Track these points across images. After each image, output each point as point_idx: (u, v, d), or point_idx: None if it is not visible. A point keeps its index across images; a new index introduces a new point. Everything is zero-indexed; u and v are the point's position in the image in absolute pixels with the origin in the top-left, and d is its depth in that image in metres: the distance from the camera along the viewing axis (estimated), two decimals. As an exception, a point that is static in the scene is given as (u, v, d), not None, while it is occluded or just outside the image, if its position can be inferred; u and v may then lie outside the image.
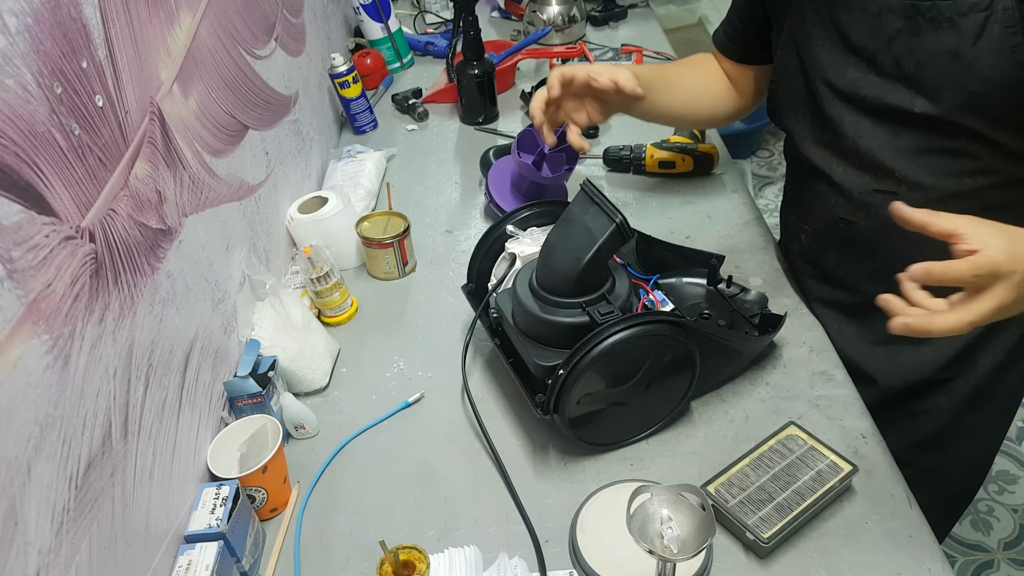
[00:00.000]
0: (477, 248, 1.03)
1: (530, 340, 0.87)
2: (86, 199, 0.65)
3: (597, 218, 0.83)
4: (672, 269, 1.04)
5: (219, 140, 0.96)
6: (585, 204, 0.85)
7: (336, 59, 1.45)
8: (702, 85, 1.10)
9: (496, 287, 0.96)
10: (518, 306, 0.88)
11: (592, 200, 0.84)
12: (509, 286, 0.93)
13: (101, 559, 0.64)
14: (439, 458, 0.92)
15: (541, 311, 0.85)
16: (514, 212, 1.03)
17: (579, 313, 0.83)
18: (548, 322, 0.84)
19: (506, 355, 0.93)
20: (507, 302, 0.92)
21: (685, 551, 0.62)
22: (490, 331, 0.97)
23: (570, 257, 0.83)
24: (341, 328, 1.12)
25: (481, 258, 1.02)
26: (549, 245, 0.87)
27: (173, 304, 0.79)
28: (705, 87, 1.10)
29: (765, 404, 0.93)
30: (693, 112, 1.11)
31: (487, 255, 1.02)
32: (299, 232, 1.18)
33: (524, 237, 1.00)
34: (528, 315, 0.86)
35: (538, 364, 0.83)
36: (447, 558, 0.79)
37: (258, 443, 0.87)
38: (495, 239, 1.02)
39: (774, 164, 3.02)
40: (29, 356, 0.56)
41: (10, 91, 0.55)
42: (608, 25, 1.94)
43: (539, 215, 1.03)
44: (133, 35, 0.75)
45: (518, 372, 0.90)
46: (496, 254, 1.01)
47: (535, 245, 0.96)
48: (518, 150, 1.19)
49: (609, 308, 0.83)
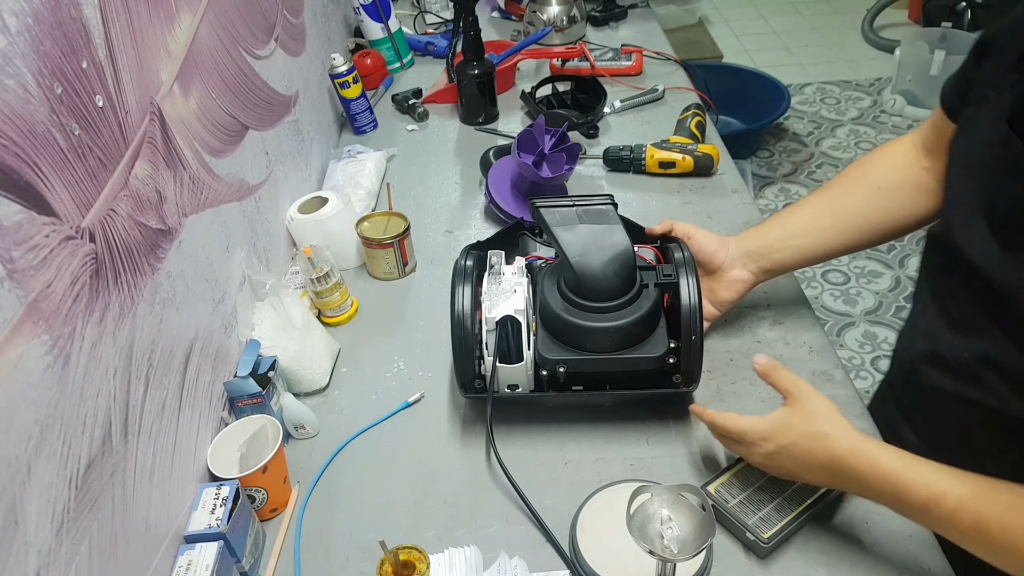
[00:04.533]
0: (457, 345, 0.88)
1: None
2: (86, 199, 0.65)
3: (589, 214, 0.85)
4: None
5: (219, 140, 0.96)
6: (558, 215, 0.86)
7: (336, 59, 1.45)
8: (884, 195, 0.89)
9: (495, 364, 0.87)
10: (572, 352, 0.86)
11: (557, 207, 0.86)
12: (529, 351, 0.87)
13: (101, 559, 0.64)
14: (439, 458, 0.92)
15: (614, 326, 0.84)
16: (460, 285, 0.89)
17: (649, 292, 0.86)
18: (630, 323, 0.84)
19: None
20: (552, 351, 0.86)
21: (685, 551, 0.62)
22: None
23: (610, 263, 0.84)
24: (341, 328, 1.12)
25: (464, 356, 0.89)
26: (581, 269, 0.84)
27: (173, 304, 0.79)
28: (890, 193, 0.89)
29: (765, 404, 0.93)
30: (878, 228, 0.90)
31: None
32: (299, 232, 1.18)
33: (502, 291, 0.88)
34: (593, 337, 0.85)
35: (651, 357, 0.85)
36: (447, 558, 0.79)
37: (258, 443, 0.87)
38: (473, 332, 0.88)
39: (774, 164, 3.02)
40: (29, 356, 0.56)
41: (10, 91, 0.55)
42: (608, 25, 1.94)
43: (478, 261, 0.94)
44: (133, 35, 0.75)
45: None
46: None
47: (517, 295, 0.87)
48: (518, 150, 1.19)
49: (665, 272, 0.88)
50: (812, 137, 3.15)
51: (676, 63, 1.72)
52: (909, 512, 0.67)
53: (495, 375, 0.87)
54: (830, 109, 3.31)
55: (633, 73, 1.67)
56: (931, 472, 0.65)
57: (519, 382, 0.89)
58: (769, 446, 0.74)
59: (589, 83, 1.59)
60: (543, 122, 1.23)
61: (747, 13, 4.18)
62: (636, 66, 1.67)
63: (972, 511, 0.62)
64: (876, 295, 2.42)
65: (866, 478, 0.68)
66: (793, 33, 3.97)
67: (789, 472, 0.75)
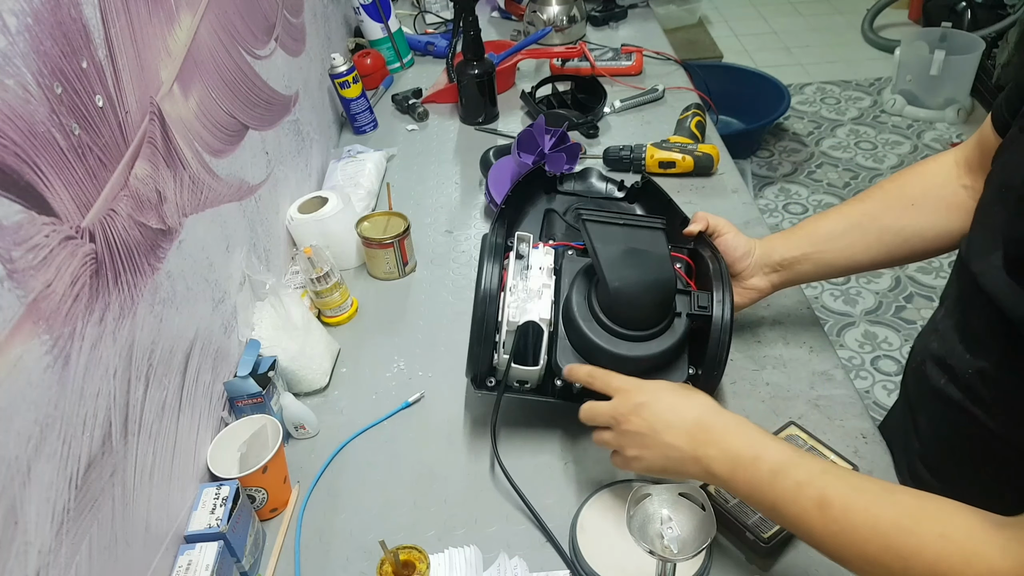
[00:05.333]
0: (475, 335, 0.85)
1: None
2: (86, 199, 0.65)
3: (636, 238, 0.81)
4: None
5: (219, 140, 0.96)
6: (604, 233, 0.82)
7: (336, 59, 1.45)
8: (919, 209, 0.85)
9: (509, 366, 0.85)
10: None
11: (605, 222, 0.83)
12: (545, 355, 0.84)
13: (101, 559, 0.64)
14: (439, 458, 0.92)
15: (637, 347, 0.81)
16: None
17: (681, 321, 0.83)
18: (657, 354, 0.81)
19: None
20: (568, 356, 0.84)
21: (685, 551, 0.62)
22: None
23: (648, 293, 0.80)
24: (341, 328, 1.12)
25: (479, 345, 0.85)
26: (617, 296, 0.80)
27: (173, 304, 0.79)
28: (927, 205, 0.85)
29: (765, 404, 0.93)
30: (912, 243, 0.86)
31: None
32: (299, 232, 1.18)
33: (528, 290, 0.85)
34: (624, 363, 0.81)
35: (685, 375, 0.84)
36: (447, 558, 0.79)
37: (258, 443, 0.87)
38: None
39: (774, 164, 3.02)
40: (29, 356, 0.56)
41: (10, 91, 0.55)
42: (608, 25, 1.94)
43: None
44: (133, 35, 0.75)
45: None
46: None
47: (543, 299, 0.84)
48: (518, 150, 1.19)
49: (700, 304, 0.83)
50: (812, 137, 3.15)
51: (676, 63, 1.72)
52: (755, 481, 0.65)
53: (508, 374, 0.85)
54: (830, 109, 3.31)
55: (633, 73, 1.67)
56: (788, 447, 0.66)
57: (529, 380, 0.87)
58: (641, 396, 0.73)
59: (589, 83, 1.59)
60: (543, 122, 1.23)
61: (747, 13, 4.18)
62: (636, 66, 1.67)
63: (819, 487, 0.61)
64: (876, 295, 2.42)
65: (732, 436, 0.67)
66: (793, 33, 3.97)
67: (652, 430, 0.71)
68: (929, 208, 0.84)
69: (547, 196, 1.06)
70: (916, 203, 0.85)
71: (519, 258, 0.89)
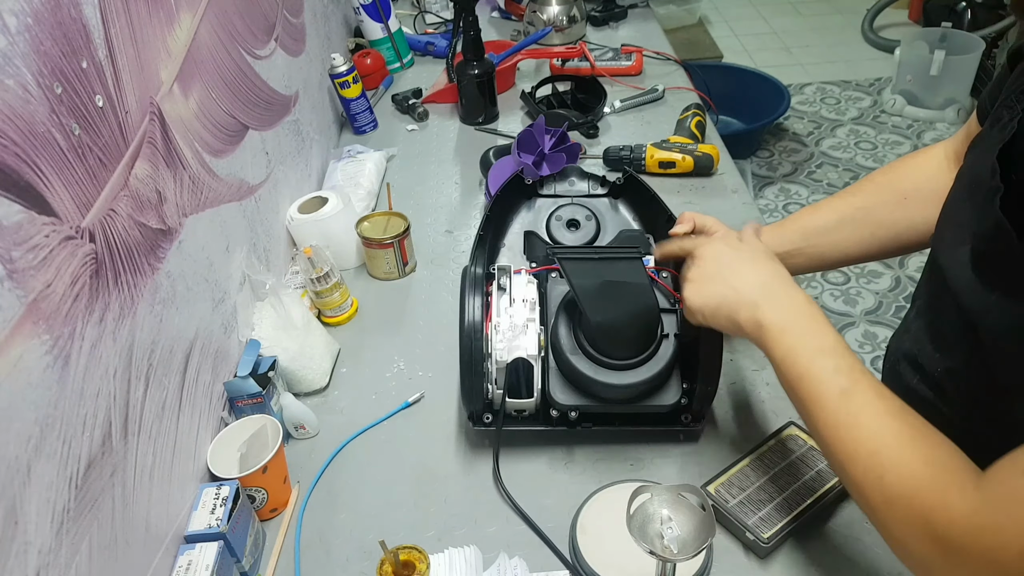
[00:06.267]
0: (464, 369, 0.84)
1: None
2: (86, 199, 0.65)
3: (613, 270, 0.81)
4: None
5: (219, 140, 0.96)
6: (579, 269, 0.81)
7: (336, 59, 1.45)
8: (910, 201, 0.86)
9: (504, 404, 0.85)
10: (585, 398, 0.84)
11: (580, 259, 0.83)
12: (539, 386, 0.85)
13: (101, 559, 0.64)
14: (439, 458, 0.92)
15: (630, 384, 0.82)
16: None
17: (669, 343, 0.83)
18: (647, 379, 0.82)
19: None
20: (564, 395, 0.85)
21: (685, 551, 0.62)
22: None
23: (632, 324, 0.81)
24: (341, 328, 1.12)
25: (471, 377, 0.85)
26: (602, 330, 0.80)
27: (173, 304, 0.79)
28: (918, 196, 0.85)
29: (765, 404, 0.93)
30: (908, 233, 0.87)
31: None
32: (299, 232, 1.18)
33: (513, 327, 0.85)
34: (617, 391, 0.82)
35: (664, 406, 0.84)
36: (447, 558, 0.79)
37: (258, 443, 0.87)
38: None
39: (774, 164, 3.02)
40: (29, 356, 0.56)
41: (10, 91, 0.55)
42: (608, 25, 1.94)
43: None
44: (133, 35, 0.75)
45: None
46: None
47: (529, 333, 0.85)
48: (518, 150, 1.19)
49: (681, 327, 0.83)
50: (812, 137, 3.15)
51: (676, 63, 1.72)
52: (798, 349, 0.66)
53: (503, 410, 0.86)
54: (830, 109, 3.31)
55: (633, 73, 1.67)
56: (842, 340, 0.67)
57: (526, 408, 0.87)
58: (726, 242, 0.77)
59: (589, 83, 1.59)
60: (543, 122, 1.22)
61: (747, 13, 4.18)
62: (636, 66, 1.67)
63: (852, 379, 0.62)
64: (876, 295, 2.42)
65: (799, 303, 0.69)
66: (793, 33, 3.97)
67: (727, 266, 0.75)
68: (921, 202, 0.84)
69: (528, 202, 1.05)
70: (908, 197, 0.86)
71: (501, 290, 0.89)
